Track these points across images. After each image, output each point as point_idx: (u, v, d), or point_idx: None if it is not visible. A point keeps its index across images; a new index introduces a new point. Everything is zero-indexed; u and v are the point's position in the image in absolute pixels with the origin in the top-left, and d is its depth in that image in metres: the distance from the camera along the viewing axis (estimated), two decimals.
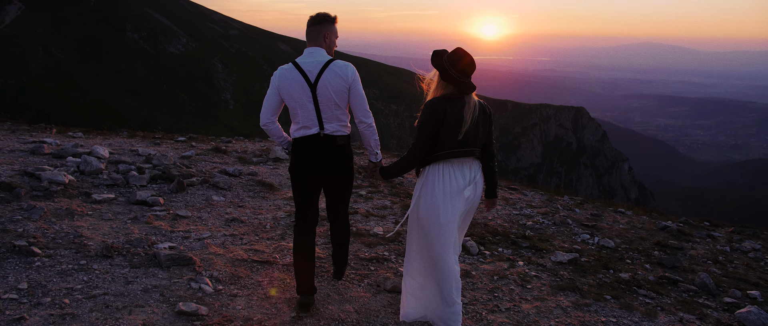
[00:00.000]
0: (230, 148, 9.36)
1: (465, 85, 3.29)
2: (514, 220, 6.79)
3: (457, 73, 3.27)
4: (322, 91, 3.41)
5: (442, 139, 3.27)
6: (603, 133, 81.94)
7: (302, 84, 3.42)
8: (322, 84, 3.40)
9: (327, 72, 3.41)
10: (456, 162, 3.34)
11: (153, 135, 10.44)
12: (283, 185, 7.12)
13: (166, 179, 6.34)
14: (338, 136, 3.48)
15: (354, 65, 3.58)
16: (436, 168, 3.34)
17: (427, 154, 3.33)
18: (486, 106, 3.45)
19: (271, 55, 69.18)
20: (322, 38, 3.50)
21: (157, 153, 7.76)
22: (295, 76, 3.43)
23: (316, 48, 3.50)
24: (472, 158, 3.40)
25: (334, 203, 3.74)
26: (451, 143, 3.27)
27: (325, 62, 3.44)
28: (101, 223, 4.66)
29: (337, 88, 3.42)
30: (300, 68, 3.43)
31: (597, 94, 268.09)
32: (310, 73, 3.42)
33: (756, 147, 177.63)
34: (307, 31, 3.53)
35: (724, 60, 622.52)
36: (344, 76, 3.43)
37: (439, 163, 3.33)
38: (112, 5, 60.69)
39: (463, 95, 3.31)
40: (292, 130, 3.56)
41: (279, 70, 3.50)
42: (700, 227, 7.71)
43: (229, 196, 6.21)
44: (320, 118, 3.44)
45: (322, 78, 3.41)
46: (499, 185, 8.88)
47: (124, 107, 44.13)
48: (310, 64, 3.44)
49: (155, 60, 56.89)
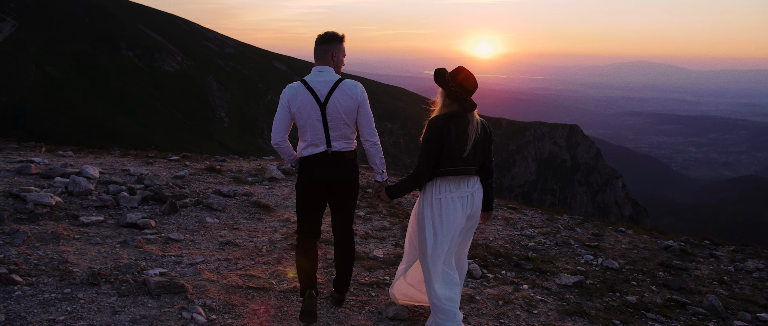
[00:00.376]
0: (225, 167, 9.17)
1: (468, 102, 3.37)
2: (516, 241, 6.63)
3: (460, 91, 3.34)
4: (332, 110, 3.44)
5: (445, 156, 3.34)
6: (597, 150, 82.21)
7: (312, 102, 3.44)
8: (332, 103, 3.44)
9: (337, 91, 3.45)
10: (456, 178, 3.42)
11: (146, 154, 10.25)
12: (279, 206, 6.91)
13: (158, 200, 6.13)
14: (346, 153, 3.53)
15: None
16: (438, 184, 3.42)
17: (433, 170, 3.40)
18: (487, 124, 3.54)
19: (266, 73, 69.21)
20: (331, 57, 3.53)
21: (149, 173, 7.56)
22: (304, 95, 3.44)
23: (324, 66, 3.52)
24: (472, 176, 3.48)
25: (339, 219, 3.75)
26: (454, 160, 3.35)
27: (334, 81, 3.47)
28: (88, 248, 4.47)
29: (347, 107, 3.46)
30: (309, 87, 3.45)
31: (590, 111, 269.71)
32: (320, 92, 3.45)
33: (747, 164, 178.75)
34: (316, 49, 3.54)
35: (714, 78, 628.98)
36: (354, 95, 3.47)
37: (440, 179, 3.41)
38: (106, 23, 60.69)
39: (467, 113, 3.38)
40: (300, 148, 3.59)
41: (288, 88, 3.51)
42: (702, 246, 7.57)
43: (224, 218, 6.03)
44: (328, 137, 3.48)
45: (331, 97, 3.44)
46: (499, 204, 8.79)
47: (118, 125, 43.88)
48: (319, 83, 3.46)
49: (150, 78, 56.77)
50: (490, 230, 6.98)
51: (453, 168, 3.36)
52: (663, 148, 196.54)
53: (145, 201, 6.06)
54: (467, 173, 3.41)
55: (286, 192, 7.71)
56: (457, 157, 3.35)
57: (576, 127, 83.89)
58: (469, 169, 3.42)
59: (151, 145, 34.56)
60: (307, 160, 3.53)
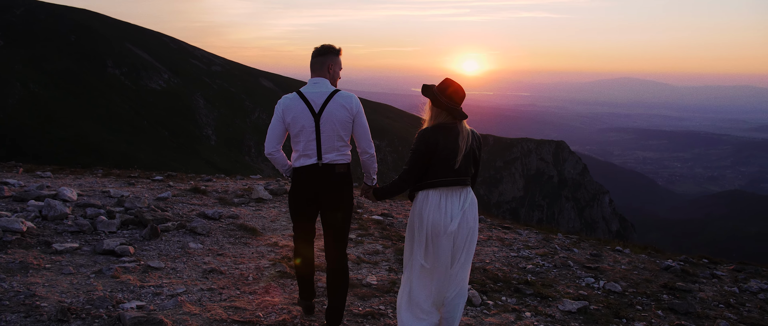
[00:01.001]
0: (210, 187, 8.89)
1: (457, 111, 3.38)
2: (513, 263, 6.38)
3: (446, 100, 3.37)
4: (326, 122, 3.45)
5: (436, 167, 3.36)
6: (583, 166, 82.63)
7: (306, 114, 3.46)
8: (327, 114, 3.45)
9: (331, 102, 3.47)
10: (449, 189, 3.42)
11: (129, 174, 9.95)
12: (267, 229, 6.61)
13: (138, 224, 5.81)
14: (337, 165, 3.52)
15: None
16: (430, 195, 3.42)
17: (419, 179, 3.43)
18: (477, 135, 3.57)
19: (253, 91, 68.94)
20: (326, 69, 3.57)
21: (130, 194, 7.29)
22: (299, 106, 3.47)
23: (320, 78, 3.56)
24: (464, 186, 3.47)
25: (331, 239, 3.67)
26: (446, 171, 3.37)
27: (329, 93, 3.49)
28: (60, 279, 4.13)
29: (341, 118, 3.48)
30: (305, 98, 3.48)
31: (576, 128, 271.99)
32: (315, 103, 3.47)
33: (731, 178, 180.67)
34: (312, 61, 3.59)
35: (697, 94, 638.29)
36: (349, 107, 3.49)
37: (432, 190, 3.41)
38: (93, 41, 60.22)
39: (456, 123, 3.42)
40: (293, 158, 3.61)
41: (283, 99, 3.54)
42: (701, 265, 7.38)
43: (208, 243, 5.71)
44: (320, 148, 3.48)
45: (326, 108, 3.46)
46: (492, 224, 8.60)
47: (104, 143, 43.28)
48: (314, 94, 3.49)
49: (136, 96, 56.25)
50: (486, 252, 6.77)
51: (444, 178, 3.37)
52: (649, 163, 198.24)
53: (125, 226, 5.73)
54: (459, 184, 3.42)
55: (274, 214, 7.42)
56: (448, 168, 3.36)
57: (563, 143, 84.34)
58: (462, 180, 3.42)
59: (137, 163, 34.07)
60: (299, 171, 3.53)
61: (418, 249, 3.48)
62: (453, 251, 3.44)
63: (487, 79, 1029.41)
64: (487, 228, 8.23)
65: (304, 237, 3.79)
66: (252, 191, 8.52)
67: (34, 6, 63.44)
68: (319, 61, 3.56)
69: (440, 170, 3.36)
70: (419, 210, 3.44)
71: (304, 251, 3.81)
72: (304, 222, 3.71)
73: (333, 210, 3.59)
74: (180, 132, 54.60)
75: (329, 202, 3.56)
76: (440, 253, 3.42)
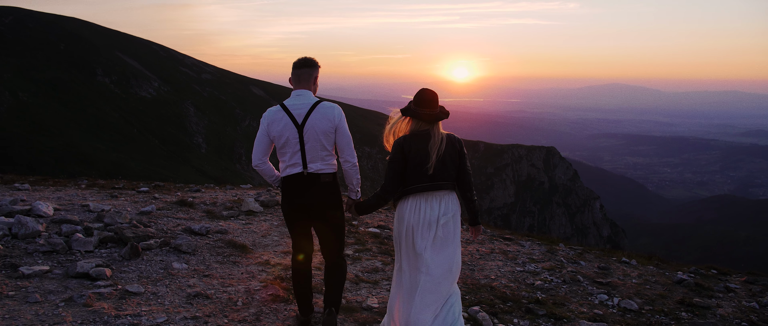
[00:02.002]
0: (197, 199, 8.46)
1: (425, 115, 3.45)
2: (520, 279, 6.03)
3: (414, 105, 3.50)
4: (309, 132, 3.53)
5: (411, 174, 3.46)
6: (574, 172, 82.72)
7: (290, 125, 3.54)
8: (309, 125, 3.53)
9: (314, 113, 3.55)
10: (426, 195, 3.49)
11: (114, 184, 9.51)
12: (257, 245, 6.18)
13: (118, 242, 5.37)
14: (322, 174, 3.59)
15: None
16: (408, 202, 3.51)
17: (401, 188, 3.53)
18: (455, 138, 3.60)
19: (243, 98, 68.50)
20: (308, 81, 3.65)
21: (111, 208, 6.87)
22: (283, 118, 3.55)
23: (303, 90, 3.64)
24: (443, 191, 3.52)
25: (326, 248, 3.78)
26: (420, 178, 3.45)
27: (312, 104, 3.58)
28: (24, 309, 3.68)
29: (324, 128, 3.55)
30: (288, 110, 3.56)
31: (567, 134, 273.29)
32: (298, 115, 3.55)
33: (721, 183, 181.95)
34: (293, 73, 3.65)
35: (686, 100, 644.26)
36: (331, 117, 3.56)
37: (411, 197, 3.51)
38: (82, 50, 59.62)
39: (429, 129, 3.49)
40: (281, 169, 3.69)
41: (268, 112, 3.63)
42: (712, 277, 7.08)
43: (194, 262, 5.29)
44: (304, 158, 3.56)
45: (309, 119, 3.54)
46: (493, 235, 8.27)
47: (94, 151, 42.62)
48: (297, 106, 3.57)
49: (126, 104, 55.64)
50: (490, 267, 6.41)
51: (420, 184, 3.46)
52: (639, 168, 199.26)
53: (103, 244, 5.28)
54: (437, 188, 3.48)
55: (265, 228, 7.05)
56: (422, 174, 3.44)
57: (553, 149, 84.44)
58: (439, 185, 3.49)
59: (126, 172, 33.47)
60: (286, 182, 3.62)
61: (404, 261, 3.56)
62: (433, 258, 3.47)
63: (478, 86, 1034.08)
64: (488, 240, 7.92)
65: (303, 260, 3.85)
66: (242, 203, 8.13)
67: (23, 15, 62.82)
68: (298, 74, 3.63)
69: (414, 177, 3.46)
70: (399, 218, 3.56)
71: (304, 249, 3.86)
72: (300, 238, 3.78)
73: (322, 218, 3.67)
74: (170, 140, 54.00)
75: (318, 211, 3.63)
76: (421, 261, 3.47)
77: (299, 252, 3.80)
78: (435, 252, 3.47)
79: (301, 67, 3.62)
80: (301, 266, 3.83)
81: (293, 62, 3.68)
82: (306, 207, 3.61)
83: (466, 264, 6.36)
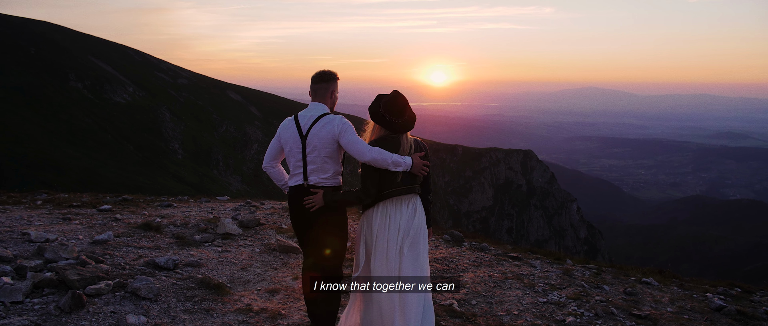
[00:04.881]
0: (167, 219, 7.58)
1: (395, 125, 3.59)
2: (546, 314, 5.22)
3: (386, 114, 3.59)
4: (311, 142, 3.65)
5: (383, 180, 3.57)
6: (551, 174, 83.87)
7: (295, 135, 3.71)
8: (311, 136, 3.66)
9: (317, 124, 3.67)
10: (397, 199, 3.62)
11: (72, 201, 8.51)
12: (236, 282, 5.19)
13: (58, 286, 4.24)
14: (322, 187, 3.69)
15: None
16: (378, 207, 3.63)
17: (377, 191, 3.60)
18: (421, 143, 3.76)
19: (220, 103, 68.17)
20: (324, 94, 3.78)
21: (57, 238, 5.67)
22: (291, 127, 3.74)
23: (317, 103, 3.79)
24: (411, 194, 3.67)
25: (320, 253, 3.74)
26: (391, 183, 3.56)
27: (318, 116, 3.70)
28: None
29: (325, 139, 3.64)
30: (297, 120, 3.74)
31: (543, 137, 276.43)
32: (304, 125, 3.70)
33: (693, 184, 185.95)
34: (311, 87, 3.80)
35: (659, 103, 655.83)
36: (331, 128, 3.63)
37: (381, 202, 3.62)
38: (54, 54, 58.80)
39: (399, 135, 3.62)
40: (288, 177, 3.87)
41: (284, 120, 3.84)
42: (742, 298, 6.56)
43: (155, 313, 4.16)
44: (306, 169, 3.68)
45: (311, 131, 3.67)
46: (496, 252, 7.82)
47: (66, 159, 42.12)
48: (306, 118, 3.73)
49: (100, 109, 55.01)
50: (509, 298, 5.62)
51: (393, 189, 3.57)
52: (614, 170, 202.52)
53: (38, 290, 4.14)
54: (407, 192, 3.62)
55: (245, 257, 6.12)
56: (392, 180, 3.56)
57: (530, 152, 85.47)
58: (410, 188, 3.64)
59: (101, 179, 33.13)
60: (291, 192, 3.76)
61: (377, 262, 3.62)
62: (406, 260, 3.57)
63: (455, 90, 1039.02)
64: (496, 262, 7.16)
65: (311, 277, 3.88)
66: (218, 223, 7.25)
67: None
68: (316, 88, 3.78)
69: (387, 182, 3.57)
70: (368, 223, 3.66)
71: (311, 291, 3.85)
72: (307, 247, 3.86)
73: (320, 232, 3.71)
74: (146, 146, 53.56)
75: (317, 224, 3.70)
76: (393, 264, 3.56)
77: (309, 269, 3.83)
78: (408, 254, 3.57)
79: (318, 82, 3.75)
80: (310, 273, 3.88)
81: (311, 76, 3.78)
82: (306, 218, 3.71)
83: (480, 295, 5.67)
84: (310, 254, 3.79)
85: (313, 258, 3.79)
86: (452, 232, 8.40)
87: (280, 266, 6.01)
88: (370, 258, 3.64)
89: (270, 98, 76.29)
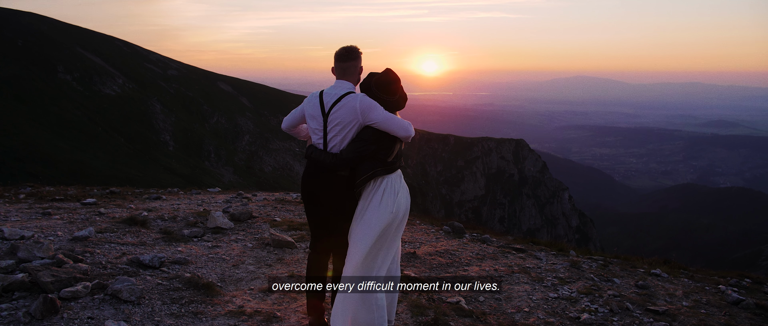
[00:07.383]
0: (154, 213, 7.27)
1: (387, 103, 3.60)
2: (561, 311, 4.97)
3: (378, 91, 3.61)
4: (333, 122, 3.60)
5: (390, 151, 3.61)
6: (543, 163, 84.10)
7: (318, 112, 3.65)
8: (333, 115, 3.59)
9: (339, 104, 3.58)
10: (390, 176, 3.65)
11: (60, 193, 8.17)
12: (228, 280, 4.85)
13: (31, 289, 3.92)
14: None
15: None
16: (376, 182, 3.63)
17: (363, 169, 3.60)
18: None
19: (211, 94, 67.68)
20: (354, 73, 3.70)
21: (33, 235, 5.28)
22: (316, 104, 3.67)
23: (342, 81, 3.69)
24: (397, 172, 3.74)
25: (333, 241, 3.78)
26: (382, 162, 3.59)
27: (342, 94, 3.61)
28: None
29: (347, 119, 3.56)
30: (321, 97, 3.66)
31: (535, 126, 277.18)
32: (327, 103, 3.63)
33: (684, 172, 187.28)
34: (336, 65, 3.69)
35: (650, 91, 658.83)
36: (353, 107, 3.54)
37: (388, 175, 3.65)
38: (41, 46, 58.03)
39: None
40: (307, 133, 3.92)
41: (311, 94, 3.78)
42: (756, 290, 6.33)
43: (137, 318, 3.82)
44: (326, 147, 3.63)
45: (334, 109, 3.59)
46: (499, 244, 7.66)
47: (56, 151, 41.66)
48: (330, 95, 3.64)
49: (89, 102, 54.41)
50: (518, 294, 5.37)
51: (379, 168, 3.59)
52: (605, 159, 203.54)
53: (8, 294, 3.81)
54: (393, 170, 3.69)
55: (237, 252, 5.75)
56: (384, 159, 3.59)
57: (522, 141, 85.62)
58: (399, 165, 3.74)
59: (91, 172, 32.78)
60: (309, 152, 3.68)
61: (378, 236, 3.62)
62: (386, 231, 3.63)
63: (447, 79, 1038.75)
64: (500, 254, 6.90)
65: (318, 256, 3.87)
66: (208, 217, 6.85)
67: None
68: (343, 67, 3.67)
69: (377, 160, 3.61)
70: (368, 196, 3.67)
71: (317, 261, 3.88)
72: (316, 230, 3.81)
73: (333, 214, 3.69)
74: (136, 138, 53.10)
75: (332, 206, 3.67)
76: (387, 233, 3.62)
77: (315, 248, 3.85)
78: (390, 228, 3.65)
79: (345, 60, 3.63)
80: (316, 257, 3.88)
81: (335, 53, 3.68)
82: (316, 196, 3.67)
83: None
84: (325, 238, 3.81)
85: (328, 244, 3.81)
86: (452, 223, 8.22)
87: (275, 262, 5.71)
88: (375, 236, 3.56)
89: (261, 89, 75.81)
